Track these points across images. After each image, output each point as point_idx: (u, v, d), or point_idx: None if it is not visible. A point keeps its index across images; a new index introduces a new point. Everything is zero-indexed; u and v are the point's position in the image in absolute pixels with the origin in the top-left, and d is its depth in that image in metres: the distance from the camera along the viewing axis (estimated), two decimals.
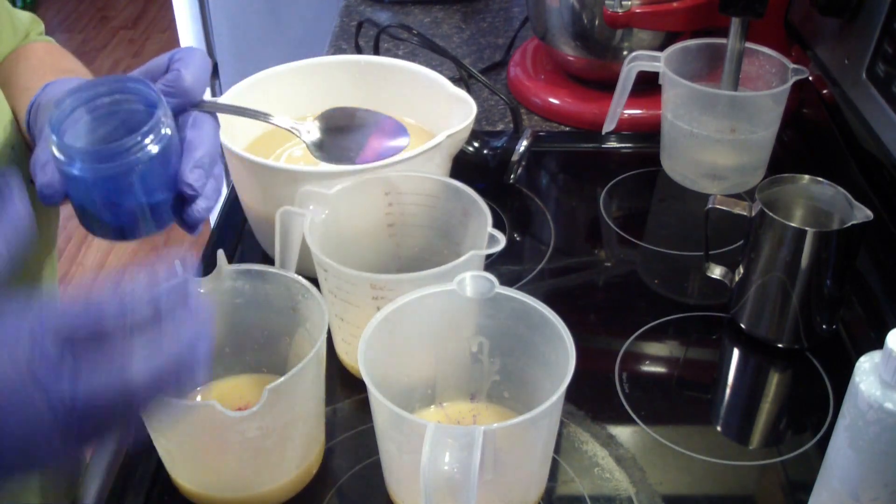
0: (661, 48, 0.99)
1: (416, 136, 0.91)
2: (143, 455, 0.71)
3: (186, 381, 0.45)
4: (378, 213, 0.79)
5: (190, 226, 0.58)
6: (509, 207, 0.99)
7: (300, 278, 0.67)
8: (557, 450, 0.70)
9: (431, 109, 0.91)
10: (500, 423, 0.56)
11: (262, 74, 0.92)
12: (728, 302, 0.83)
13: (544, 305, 0.64)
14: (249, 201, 0.86)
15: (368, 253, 0.80)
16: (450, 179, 0.78)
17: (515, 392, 0.70)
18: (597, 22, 1.05)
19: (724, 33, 0.97)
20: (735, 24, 0.95)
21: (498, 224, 0.82)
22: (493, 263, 0.88)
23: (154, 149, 0.55)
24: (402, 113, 0.95)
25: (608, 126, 1.05)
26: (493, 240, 0.69)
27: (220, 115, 0.84)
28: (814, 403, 0.76)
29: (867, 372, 0.55)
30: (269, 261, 0.77)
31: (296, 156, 0.90)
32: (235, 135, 0.87)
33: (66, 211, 0.62)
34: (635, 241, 0.95)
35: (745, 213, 0.79)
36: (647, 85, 0.98)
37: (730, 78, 0.98)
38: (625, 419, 0.74)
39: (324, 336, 0.63)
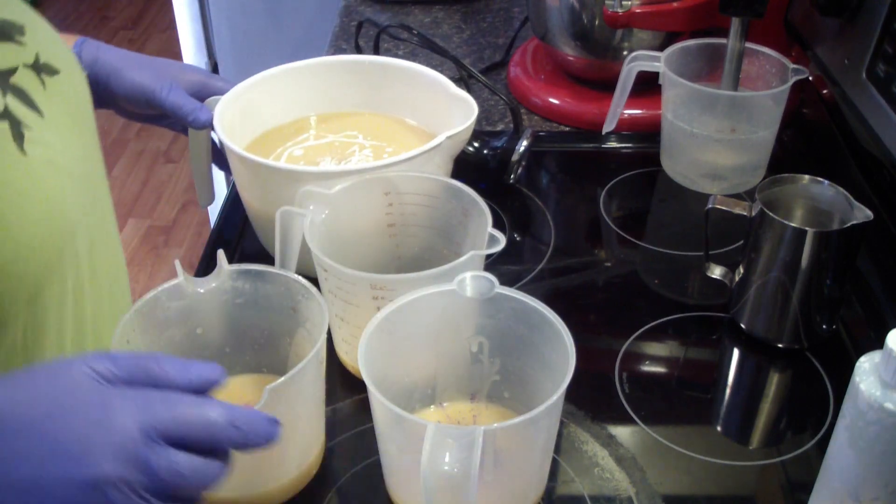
0: (661, 48, 0.99)
1: (417, 137, 0.91)
2: None
3: None
4: (378, 213, 0.79)
5: None
6: (509, 207, 0.99)
7: (300, 278, 0.67)
8: (557, 450, 0.70)
9: (433, 110, 0.90)
10: (500, 423, 0.56)
11: (264, 74, 0.92)
12: (728, 302, 0.83)
13: (544, 305, 0.64)
14: (251, 200, 0.86)
15: (368, 253, 0.80)
16: (450, 179, 0.77)
17: (515, 392, 0.70)
18: (597, 22, 1.05)
19: (724, 33, 0.97)
20: (735, 24, 0.94)
21: (498, 224, 0.82)
22: (493, 263, 0.88)
23: None
24: (403, 113, 0.95)
25: (608, 126, 1.05)
26: (493, 240, 0.68)
27: (224, 112, 0.85)
28: (814, 403, 0.76)
29: (867, 372, 0.55)
30: (270, 260, 0.77)
31: (296, 155, 0.90)
32: (236, 134, 0.87)
33: None
34: (635, 241, 0.95)
35: (745, 213, 0.79)
36: (647, 85, 0.98)
37: (730, 78, 0.98)
38: (625, 419, 0.74)
39: (324, 336, 0.63)
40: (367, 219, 0.79)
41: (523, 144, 0.97)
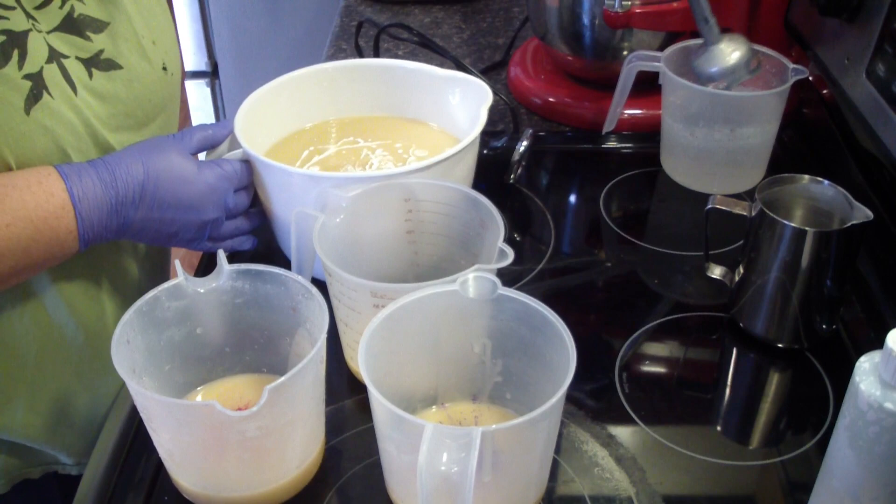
0: (661, 48, 0.99)
1: (440, 141, 0.91)
2: (143, 455, 0.71)
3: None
4: (398, 218, 0.78)
5: None
6: (509, 207, 0.99)
7: (300, 278, 0.67)
8: (557, 450, 0.70)
9: (453, 112, 0.90)
10: (498, 424, 0.56)
11: (282, 79, 0.91)
12: (728, 302, 0.83)
13: (546, 307, 0.63)
14: (271, 206, 0.85)
15: (386, 258, 0.79)
16: (468, 189, 0.76)
17: (517, 393, 0.70)
18: (597, 22, 1.05)
19: None
20: None
21: None
22: None
23: None
24: (425, 117, 0.94)
25: (608, 126, 1.05)
26: (501, 254, 0.68)
27: (243, 119, 0.85)
28: (814, 403, 0.76)
29: (867, 372, 0.55)
30: (271, 261, 0.77)
31: (327, 154, 0.90)
32: (256, 138, 0.86)
33: None
34: (635, 241, 0.95)
35: (745, 213, 0.79)
36: (647, 85, 0.98)
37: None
38: (625, 419, 0.74)
39: (324, 336, 0.63)
40: (387, 224, 0.78)
41: (523, 144, 0.97)
